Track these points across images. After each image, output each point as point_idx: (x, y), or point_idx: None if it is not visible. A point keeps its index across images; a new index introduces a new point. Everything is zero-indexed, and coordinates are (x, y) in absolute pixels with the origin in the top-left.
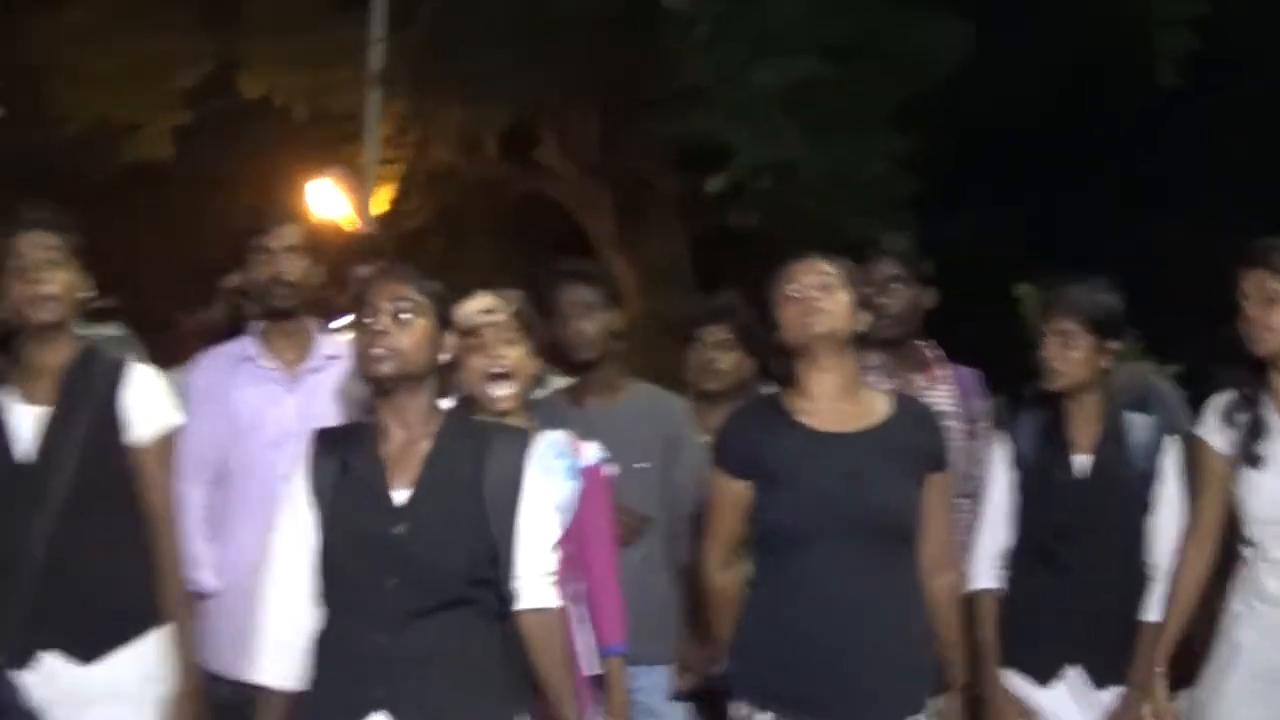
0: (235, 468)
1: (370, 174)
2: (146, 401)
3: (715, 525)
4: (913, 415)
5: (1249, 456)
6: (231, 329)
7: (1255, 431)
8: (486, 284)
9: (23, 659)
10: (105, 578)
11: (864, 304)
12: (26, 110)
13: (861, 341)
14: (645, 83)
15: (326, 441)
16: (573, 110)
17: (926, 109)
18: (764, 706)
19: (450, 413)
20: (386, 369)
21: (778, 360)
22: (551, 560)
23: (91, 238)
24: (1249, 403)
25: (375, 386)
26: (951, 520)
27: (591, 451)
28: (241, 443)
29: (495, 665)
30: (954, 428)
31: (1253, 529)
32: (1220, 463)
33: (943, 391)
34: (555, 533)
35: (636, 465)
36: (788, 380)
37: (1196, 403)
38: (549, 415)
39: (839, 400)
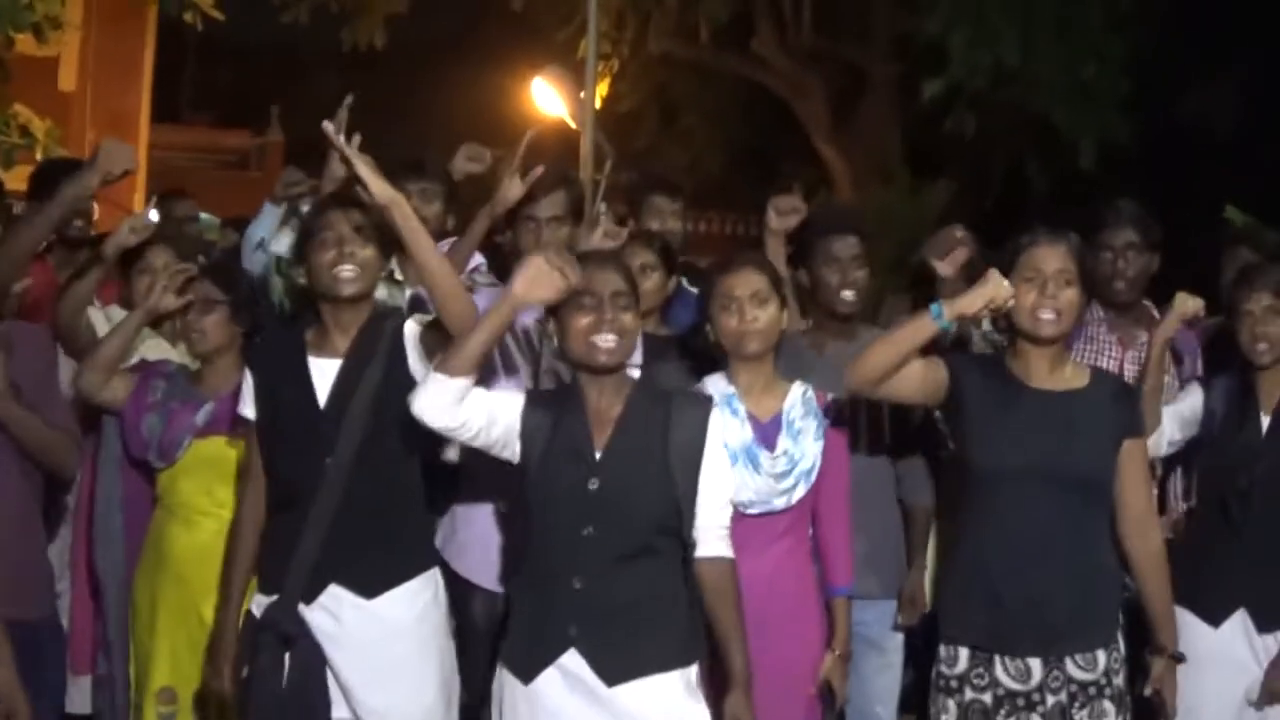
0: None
1: (592, 68)
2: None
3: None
4: (1110, 387)
5: None
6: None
7: None
8: (697, 163)
9: (312, 593)
10: (392, 517)
11: (1088, 287)
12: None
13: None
14: None
15: (537, 400)
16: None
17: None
18: (960, 642)
19: (639, 381)
20: (615, 359)
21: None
22: (727, 515)
23: (313, 118)
24: None
25: (592, 368)
26: (1150, 486)
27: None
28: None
29: (678, 610)
30: (1167, 383)
31: None
32: None
33: None
34: (730, 490)
35: None
36: None
37: None
38: (790, 357)
39: (1046, 369)
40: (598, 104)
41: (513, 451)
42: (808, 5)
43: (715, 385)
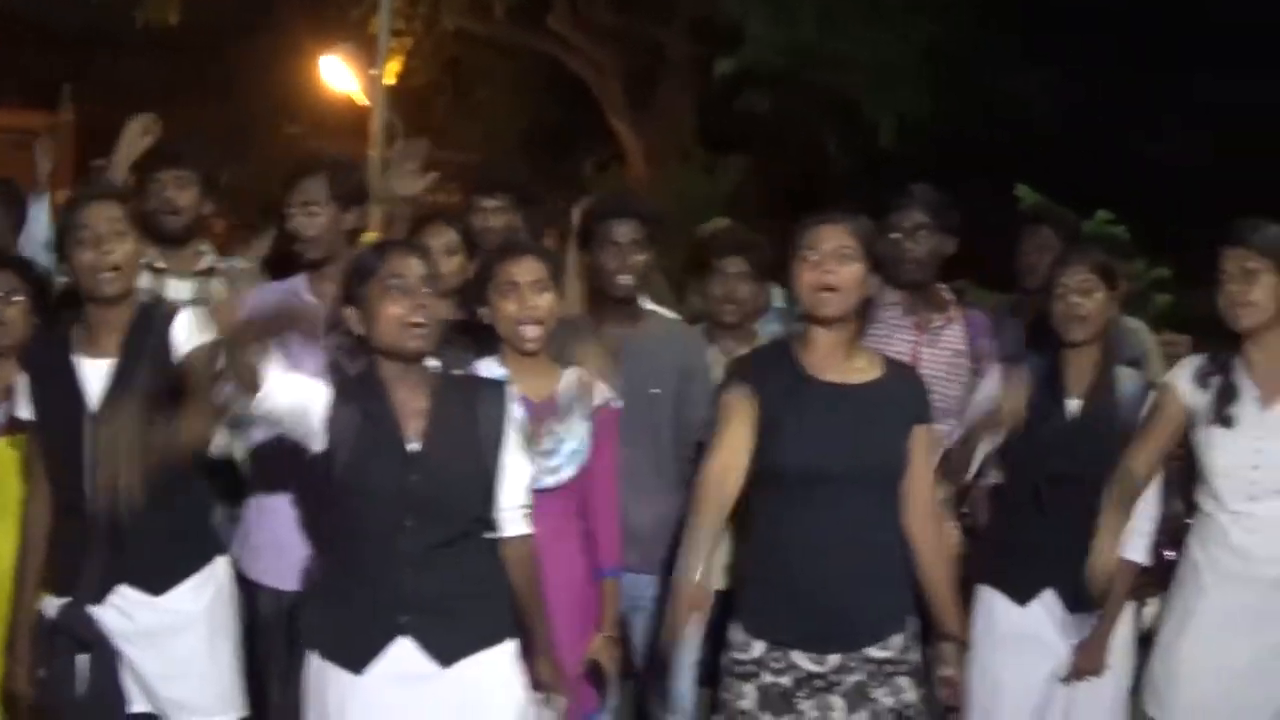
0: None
1: (383, 45)
2: (188, 333)
3: (722, 434)
4: (900, 373)
5: (1221, 417)
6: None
7: (1227, 395)
8: (491, 138)
9: (102, 593)
10: (175, 512)
11: (875, 265)
12: None
13: (869, 302)
14: None
15: (343, 392)
16: None
17: None
18: (758, 635)
19: (440, 371)
20: (424, 345)
21: None
22: (527, 494)
23: (107, 98)
24: (1222, 368)
25: (403, 356)
26: (933, 469)
27: (604, 391)
28: None
29: (497, 587)
30: (962, 365)
31: (1217, 482)
32: (1180, 411)
33: (956, 330)
34: (529, 470)
35: (651, 390)
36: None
37: None
38: (568, 339)
39: (839, 356)
40: (389, 81)
41: (316, 441)
42: None
43: (488, 368)
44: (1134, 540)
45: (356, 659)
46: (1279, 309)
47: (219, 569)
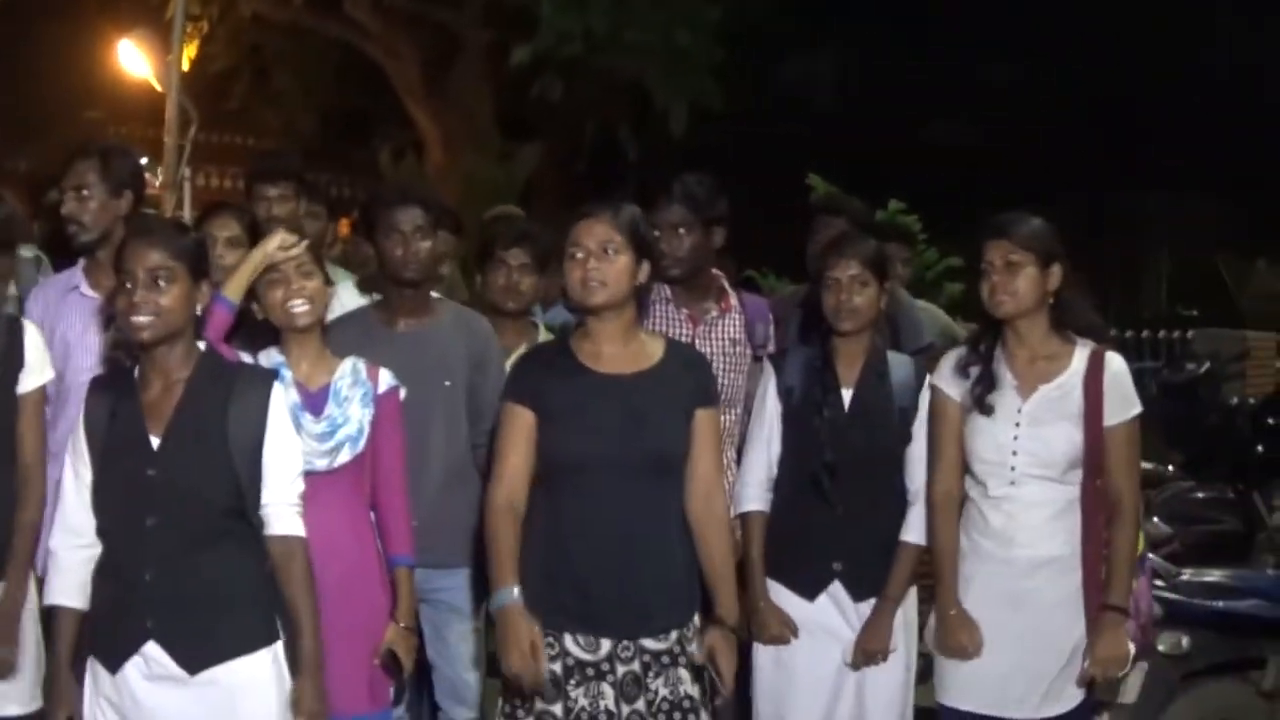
0: (59, 396)
1: (179, 30)
2: (34, 357)
3: (503, 451)
4: (682, 357)
5: (981, 405)
6: (55, 246)
7: (987, 384)
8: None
9: None
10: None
11: (645, 254)
12: None
13: (643, 288)
14: None
15: (98, 388)
16: None
17: None
18: (543, 624)
19: (204, 356)
20: (148, 335)
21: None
22: (295, 491)
23: None
24: (981, 358)
25: (139, 346)
26: (719, 453)
27: (386, 377)
28: (67, 373)
29: (256, 590)
30: (741, 353)
31: (978, 469)
32: (953, 408)
33: (733, 319)
34: (298, 466)
35: (445, 383)
36: None
37: None
38: (359, 333)
39: (617, 345)
40: (185, 66)
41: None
42: None
43: (268, 356)
44: (913, 523)
45: (112, 658)
46: (1038, 300)
47: (23, 571)
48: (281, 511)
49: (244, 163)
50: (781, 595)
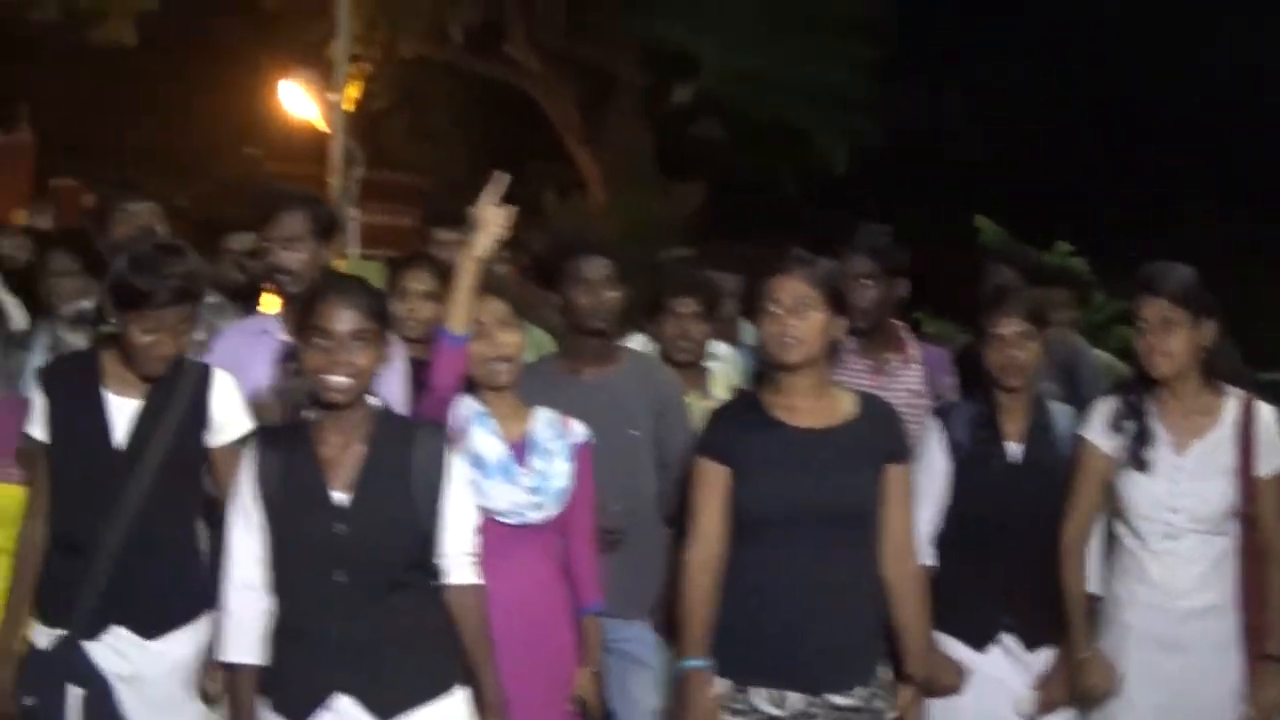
0: None
1: (341, 71)
2: (228, 407)
3: (698, 508)
4: (875, 412)
5: (1138, 462)
6: (243, 291)
7: (1144, 440)
8: (447, 163)
9: (95, 631)
10: (175, 560)
11: (839, 309)
12: None
13: (836, 344)
14: None
15: (270, 441)
16: (539, 4)
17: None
18: (721, 674)
19: (380, 412)
20: (344, 397)
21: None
22: (471, 541)
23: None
24: (1135, 412)
25: (325, 404)
26: (910, 508)
27: (580, 429)
28: None
29: (437, 637)
30: (921, 405)
31: (1137, 524)
32: (1103, 462)
33: (914, 370)
34: (475, 515)
35: (630, 432)
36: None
37: None
38: (545, 383)
39: (810, 399)
40: (348, 107)
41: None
42: (559, 9)
43: (465, 405)
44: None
45: (298, 713)
46: (1192, 358)
47: (206, 624)
48: (460, 561)
49: (400, 200)
50: (949, 647)
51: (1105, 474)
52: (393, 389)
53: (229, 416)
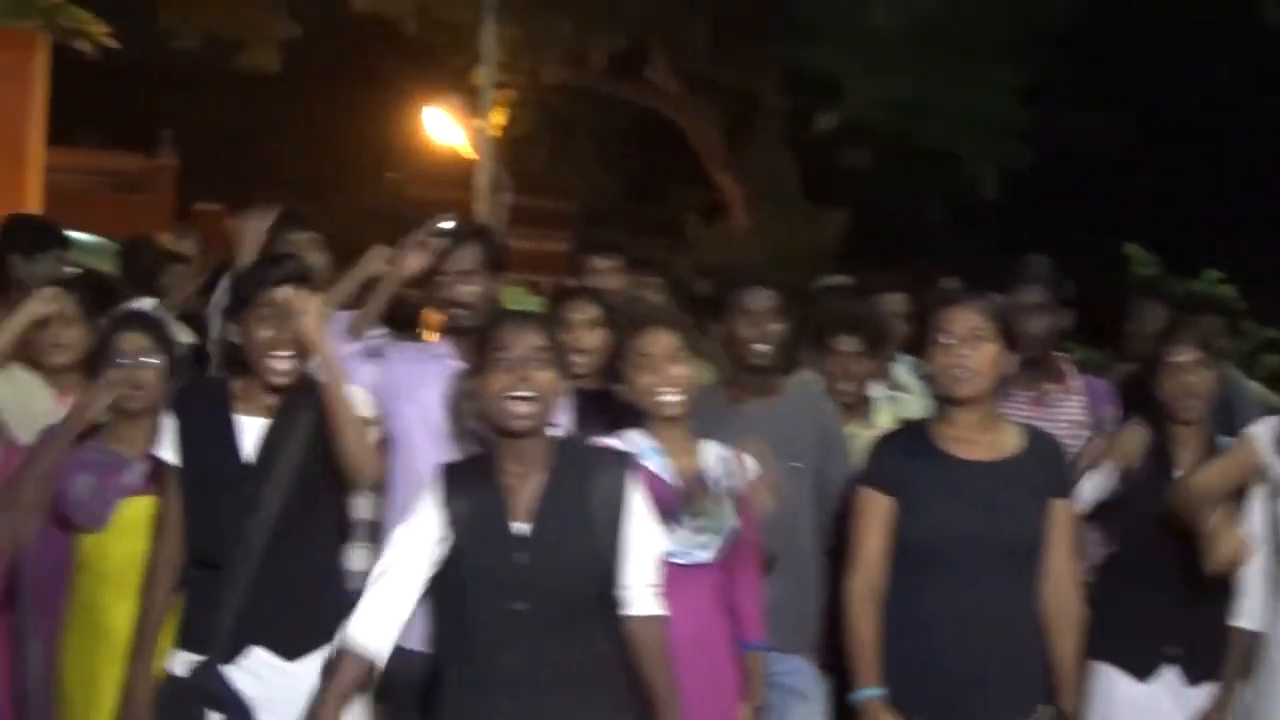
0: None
1: (486, 97)
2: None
3: (861, 537)
4: (1042, 446)
5: None
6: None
7: None
8: (590, 188)
9: (233, 654)
10: (313, 579)
11: (1010, 343)
12: (138, 25)
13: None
14: (755, 4)
15: (455, 474)
16: (681, 30)
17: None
18: (897, 710)
19: (562, 442)
20: (528, 423)
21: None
22: (655, 571)
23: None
24: None
25: (505, 433)
26: (1074, 545)
27: (750, 465)
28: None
29: (612, 671)
30: (1082, 436)
31: None
32: (1253, 460)
33: (1075, 401)
34: (658, 545)
35: (792, 464)
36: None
37: None
38: (707, 413)
39: (978, 431)
40: (494, 133)
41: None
42: (701, 34)
43: (634, 440)
44: (1248, 609)
45: None
46: None
47: None
48: (642, 593)
49: (544, 224)
50: (1110, 677)
51: (1248, 468)
52: (558, 418)
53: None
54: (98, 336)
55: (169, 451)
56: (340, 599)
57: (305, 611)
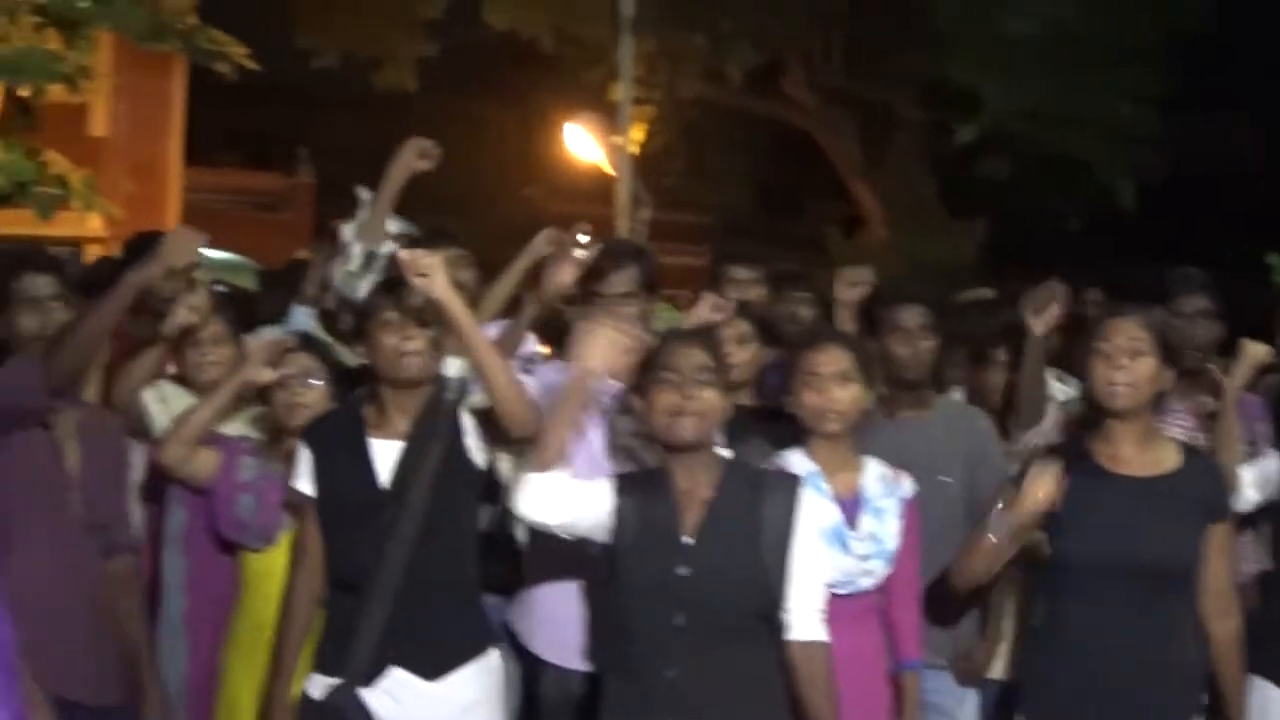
0: None
1: (624, 113)
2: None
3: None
4: (1200, 466)
5: None
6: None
7: None
8: (727, 202)
9: (373, 675)
10: (451, 599)
11: (1168, 358)
12: (276, 45)
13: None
14: (890, 18)
15: (628, 487)
16: (817, 44)
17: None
18: None
19: (729, 462)
20: (692, 435)
21: None
22: (820, 596)
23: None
24: None
25: (675, 447)
26: (1232, 567)
27: (909, 484)
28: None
29: (771, 693)
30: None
31: None
32: None
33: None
34: (824, 570)
35: (940, 478)
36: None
37: None
38: (865, 426)
39: (1135, 447)
40: (632, 149)
41: (602, 536)
42: (837, 47)
43: (797, 462)
44: None
45: None
46: None
47: (493, 659)
48: (806, 616)
49: (682, 239)
50: (1269, 692)
51: None
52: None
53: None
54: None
55: (305, 482)
56: (478, 618)
57: (444, 631)
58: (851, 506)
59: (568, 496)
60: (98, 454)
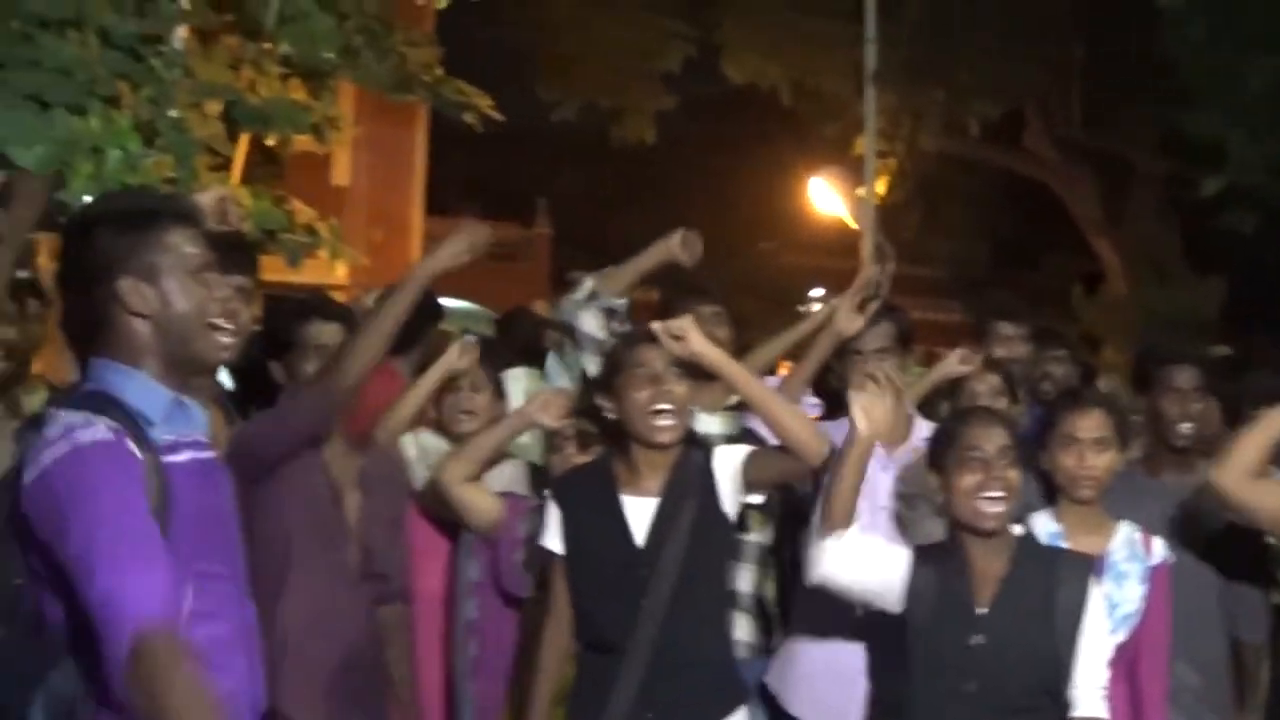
0: None
1: (869, 168)
2: (733, 488)
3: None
4: None
5: None
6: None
7: None
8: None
9: None
10: (705, 655)
11: None
12: (515, 95)
13: None
14: (1130, 70)
15: (923, 559)
16: (1058, 96)
17: None
18: None
19: (1021, 539)
20: (999, 525)
21: None
22: (1105, 675)
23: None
24: None
25: (976, 533)
26: None
27: (1160, 549)
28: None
29: None
30: None
31: None
32: None
33: None
34: (1109, 649)
35: None
36: None
37: None
38: (1123, 486)
39: None
40: (876, 202)
41: (889, 602)
42: (1077, 100)
43: (1041, 524)
44: None
45: None
46: None
47: (744, 716)
48: (1091, 694)
49: (919, 294)
50: None
51: None
52: None
53: (731, 473)
54: None
55: (554, 540)
56: (732, 676)
57: (698, 690)
58: (1095, 567)
59: (867, 555)
60: (380, 504)
